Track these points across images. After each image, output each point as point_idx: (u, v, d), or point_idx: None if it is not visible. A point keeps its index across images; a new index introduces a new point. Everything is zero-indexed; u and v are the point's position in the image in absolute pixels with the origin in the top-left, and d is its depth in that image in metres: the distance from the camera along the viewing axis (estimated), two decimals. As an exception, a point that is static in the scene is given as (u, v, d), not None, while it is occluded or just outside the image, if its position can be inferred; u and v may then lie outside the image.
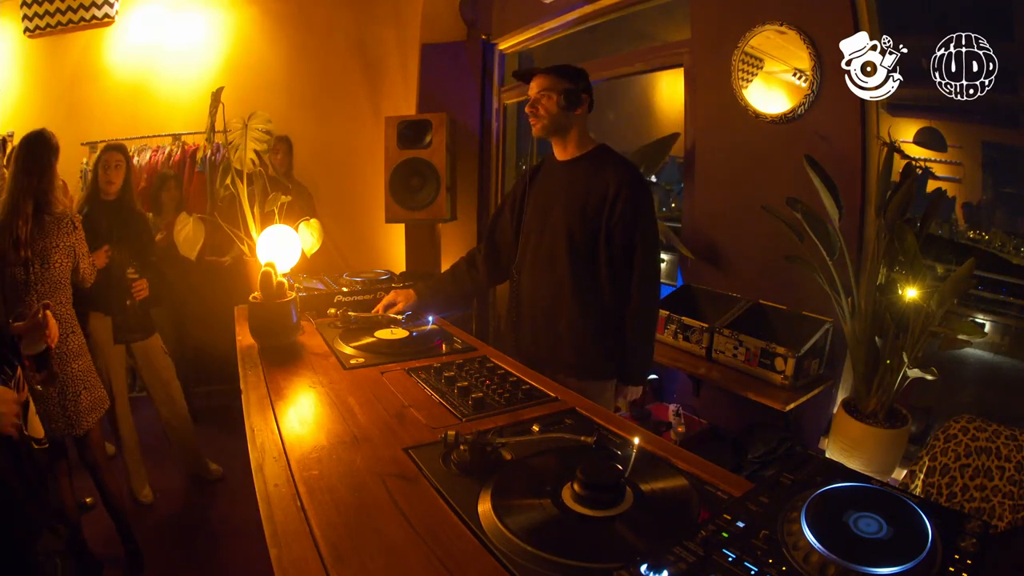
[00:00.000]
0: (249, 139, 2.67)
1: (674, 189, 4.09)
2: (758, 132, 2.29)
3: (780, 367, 2.00)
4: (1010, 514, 1.31)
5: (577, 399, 1.27)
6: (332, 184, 4.04)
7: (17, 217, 1.92)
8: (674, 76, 3.26)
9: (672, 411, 2.49)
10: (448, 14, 3.81)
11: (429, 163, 3.27)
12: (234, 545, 2.35)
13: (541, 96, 1.68)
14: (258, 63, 3.96)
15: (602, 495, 0.81)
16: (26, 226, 1.92)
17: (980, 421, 1.45)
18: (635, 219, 1.65)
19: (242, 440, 1.10)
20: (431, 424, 1.14)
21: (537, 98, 1.69)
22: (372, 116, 4.04)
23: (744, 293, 2.35)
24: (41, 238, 1.96)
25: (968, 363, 2.20)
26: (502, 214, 1.93)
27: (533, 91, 1.70)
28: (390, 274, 2.26)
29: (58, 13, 3.82)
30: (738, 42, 2.28)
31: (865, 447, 1.85)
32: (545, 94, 1.68)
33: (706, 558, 0.61)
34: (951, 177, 2.09)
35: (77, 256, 2.07)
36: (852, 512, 0.64)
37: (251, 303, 1.61)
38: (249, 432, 1.11)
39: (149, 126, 3.90)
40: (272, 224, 2.29)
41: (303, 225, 2.73)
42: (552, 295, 1.74)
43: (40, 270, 1.95)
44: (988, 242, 2.05)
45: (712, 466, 0.96)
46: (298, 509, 0.84)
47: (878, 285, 1.84)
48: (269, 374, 1.42)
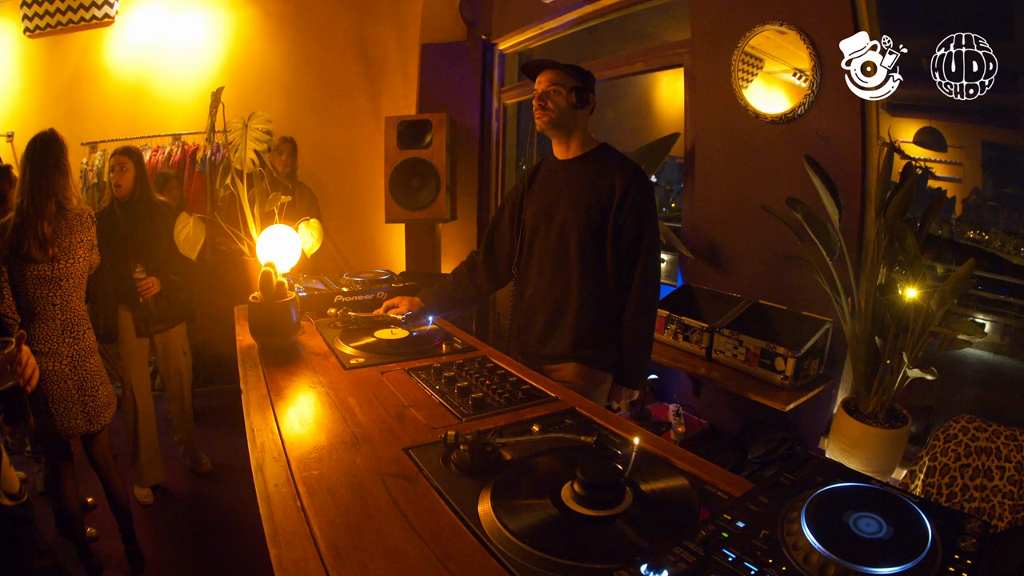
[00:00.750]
0: (249, 139, 2.67)
1: (674, 189, 4.10)
2: (758, 132, 2.29)
3: (780, 367, 2.00)
4: (1010, 514, 1.31)
5: (577, 399, 1.27)
6: (332, 184, 4.04)
7: (41, 218, 1.94)
8: (674, 76, 3.26)
9: (672, 411, 2.49)
10: (448, 14, 3.82)
11: (429, 163, 3.27)
12: (234, 544, 2.35)
13: (550, 89, 1.68)
14: (258, 63, 3.96)
15: (602, 495, 0.81)
16: (51, 225, 1.96)
17: (980, 421, 1.45)
18: (642, 217, 1.66)
19: (242, 439, 1.10)
20: (431, 424, 1.14)
21: (547, 91, 1.68)
22: (372, 116, 4.04)
23: (744, 293, 2.35)
24: (67, 235, 2.00)
25: (968, 363, 2.20)
26: (501, 218, 1.93)
27: (542, 84, 1.69)
28: (390, 274, 2.26)
29: (58, 13, 3.82)
30: (738, 42, 2.28)
31: (865, 447, 1.85)
32: (555, 88, 1.67)
33: (706, 558, 0.61)
34: (951, 177, 2.09)
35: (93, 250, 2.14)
36: (852, 512, 0.64)
37: (251, 303, 1.61)
38: (249, 432, 1.11)
39: (149, 126, 3.90)
40: (272, 224, 2.29)
41: (303, 225, 2.72)
42: (558, 292, 1.74)
43: (65, 266, 2.00)
44: (988, 242, 2.05)
45: (712, 466, 0.96)
46: (298, 509, 0.84)
47: (878, 285, 1.84)
48: (269, 374, 1.42)
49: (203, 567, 2.24)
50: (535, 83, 1.72)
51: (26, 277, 1.93)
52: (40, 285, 1.95)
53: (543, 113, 1.69)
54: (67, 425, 1.98)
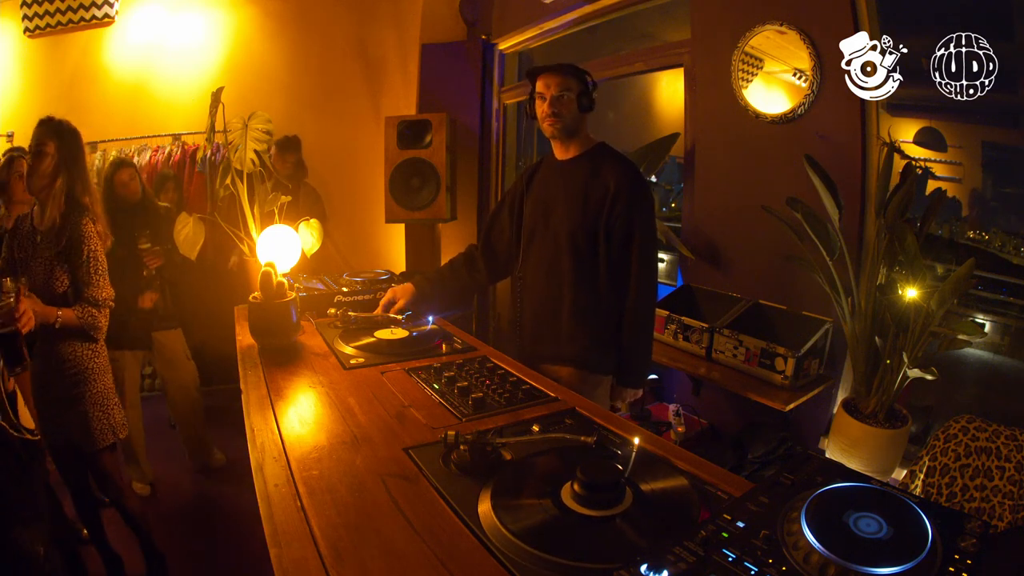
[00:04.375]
0: (249, 139, 2.68)
1: (674, 189, 4.10)
2: (758, 132, 2.29)
3: (780, 367, 2.00)
4: (1010, 514, 1.31)
5: (577, 399, 1.27)
6: (332, 184, 4.03)
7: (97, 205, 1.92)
8: (674, 76, 3.26)
9: (672, 411, 2.49)
10: (448, 14, 3.81)
11: (429, 163, 3.27)
12: (234, 544, 2.35)
13: (562, 95, 1.65)
14: (258, 63, 3.96)
15: (602, 495, 0.81)
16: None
17: (980, 421, 1.45)
18: (633, 217, 1.65)
19: (242, 439, 1.10)
20: (431, 424, 1.14)
21: (559, 96, 1.65)
22: (372, 116, 4.04)
23: (744, 293, 2.35)
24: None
25: (968, 363, 2.20)
26: (500, 214, 1.93)
27: (553, 89, 1.65)
28: (390, 274, 2.26)
29: (58, 13, 3.82)
30: (738, 42, 2.28)
31: (865, 447, 1.85)
32: (566, 93, 1.65)
33: (706, 558, 0.61)
34: (951, 177, 2.09)
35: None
36: (852, 512, 0.64)
37: (251, 303, 1.61)
38: (249, 432, 1.11)
39: (149, 126, 3.90)
40: (272, 224, 2.29)
41: (303, 225, 2.73)
42: (554, 293, 1.74)
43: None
44: (988, 242, 2.05)
45: (712, 466, 0.96)
46: (298, 509, 0.84)
47: (878, 285, 1.84)
48: (269, 374, 1.42)
49: (203, 567, 2.24)
50: (539, 86, 1.69)
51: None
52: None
53: (556, 120, 1.66)
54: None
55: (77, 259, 1.76)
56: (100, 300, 1.80)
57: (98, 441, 1.84)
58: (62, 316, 1.71)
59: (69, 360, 1.79)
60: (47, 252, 1.76)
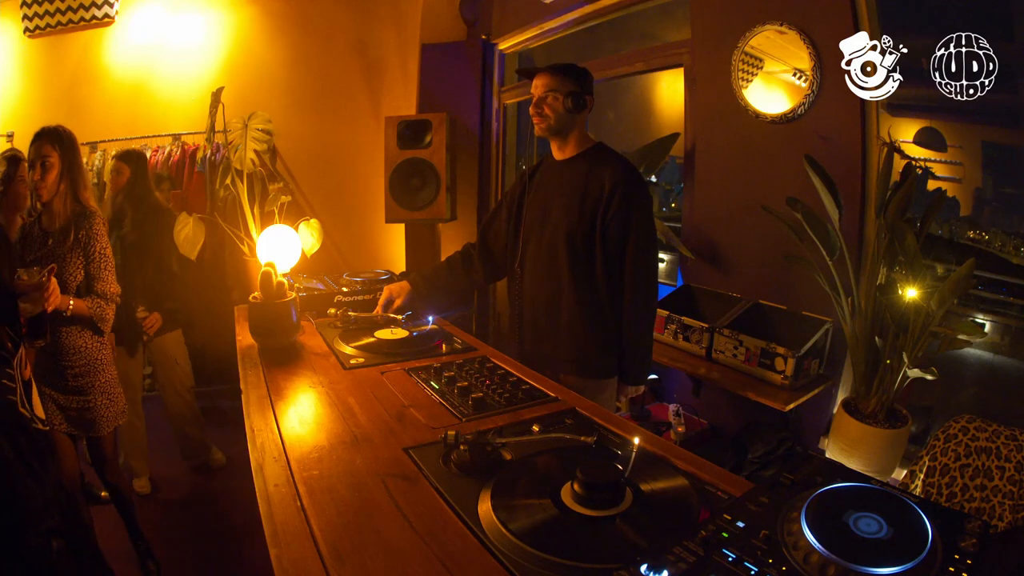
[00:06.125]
0: (249, 139, 2.68)
1: (674, 189, 4.09)
2: (758, 132, 2.29)
3: (780, 367, 2.00)
4: (1010, 514, 1.31)
5: (577, 399, 1.27)
6: (332, 184, 4.04)
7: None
8: (674, 76, 3.26)
9: (672, 411, 2.49)
10: (448, 14, 3.81)
11: (429, 163, 3.27)
12: (234, 544, 2.35)
13: (547, 95, 1.67)
14: (258, 63, 3.95)
15: (602, 495, 0.81)
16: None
17: (980, 421, 1.45)
18: (629, 216, 1.66)
19: (241, 439, 1.10)
20: (431, 424, 1.14)
21: (543, 97, 1.68)
22: (372, 116, 4.04)
23: (744, 293, 2.35)
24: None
25: (968, 363, 2.20)
26: (498, 214, 1.93)
27: (539, 90, 1.69)
28: (390, 274, 2.26)
29: (58, 13, 3.82)
30: (738, 42, 2.28)
31: (865, 447, 1.85)
32: (551, 94, 1.67)
33: (706, 558, 0.61)
34: (951, 177, 2.09)
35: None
36: (852, 512, 0.64)
37: (251, 303, 1.61)
38: (249, 432, 1.11)
39: (149, 126, 3.90)
40: (272, 224, 2.29)
41: (303, 225, 2.73)
42: (552, 293, 1.74)
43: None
44: (988, 242, 2.05)
45: (712, 466, 0.96)
46: (298, 509, 0.84)
47: (878, 285, 1.84)
48: (269, 374, 1.42)
49: (203, 567, 2.24)
50: (531, 86, 1.71)
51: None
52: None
53: (540, 120, 1.70)
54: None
55: (89, 256, 1.89)
56: (108, 294, 1.92)
57: (103, 428, 1.96)
58: (74, 305, 1.82)
59: (79, 351, 1.90)
60: (59, 249, 1.86)
